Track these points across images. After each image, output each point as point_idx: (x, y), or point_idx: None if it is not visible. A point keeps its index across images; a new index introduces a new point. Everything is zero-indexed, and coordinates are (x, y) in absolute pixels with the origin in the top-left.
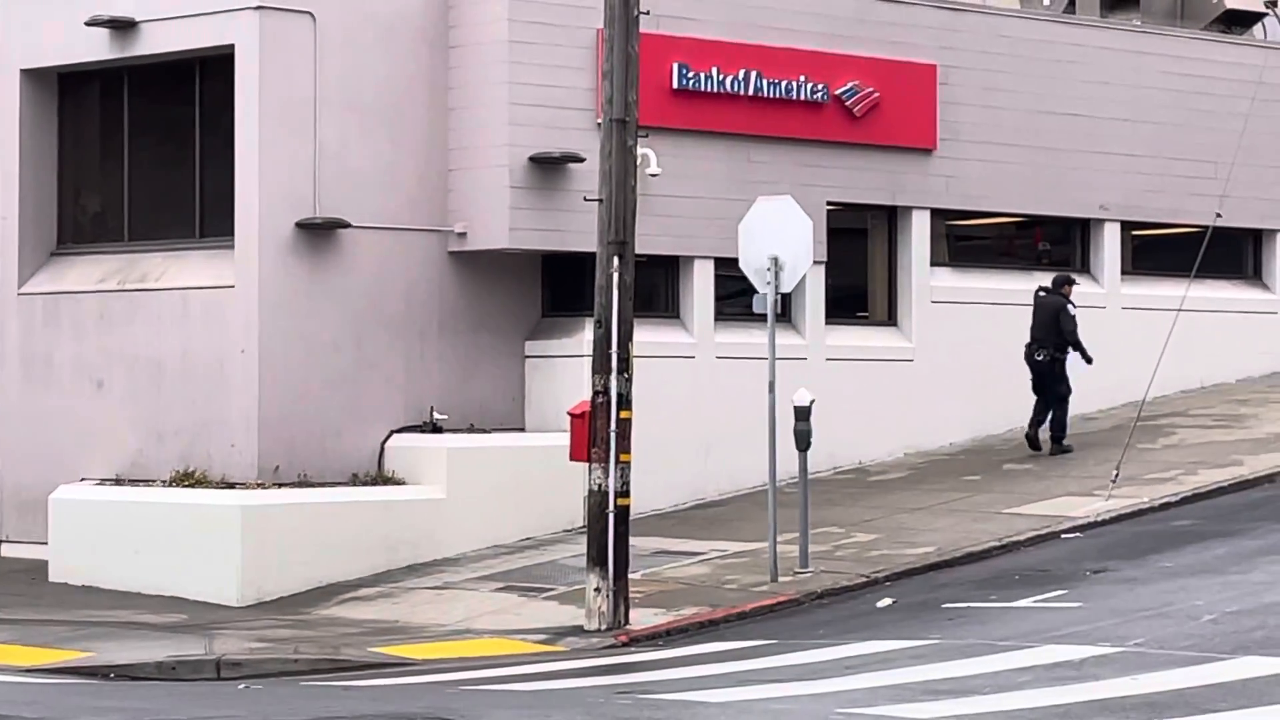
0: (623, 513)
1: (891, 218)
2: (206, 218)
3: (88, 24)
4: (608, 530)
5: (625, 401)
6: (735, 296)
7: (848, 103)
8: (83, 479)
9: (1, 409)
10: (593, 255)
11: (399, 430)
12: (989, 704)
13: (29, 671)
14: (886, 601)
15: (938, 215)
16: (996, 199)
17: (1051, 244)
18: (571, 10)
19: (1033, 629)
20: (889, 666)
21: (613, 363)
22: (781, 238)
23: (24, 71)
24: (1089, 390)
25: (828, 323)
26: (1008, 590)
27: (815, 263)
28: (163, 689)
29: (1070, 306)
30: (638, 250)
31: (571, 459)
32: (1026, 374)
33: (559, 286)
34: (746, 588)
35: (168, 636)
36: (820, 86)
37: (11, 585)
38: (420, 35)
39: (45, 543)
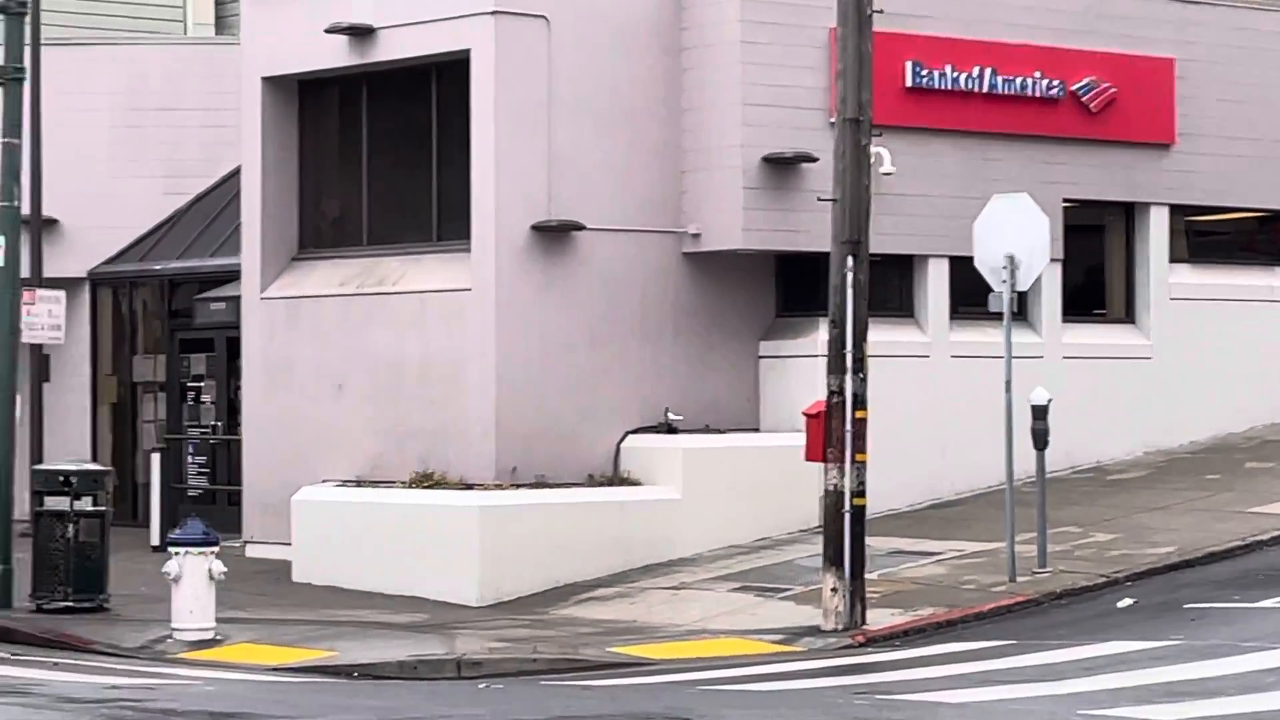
0: (858, 513)
1: (1129, 214)
2: (443, 221)
3: (327, 31)
4: (844, 530)
5: (860, 401)
6: (970, 295)
7: (1084, 98)
8: (324, 481)
9: (245, 412)
10: (826, 255)
11: (634, 431)
12: (1235, 705)
13: (274, 670)
14: (1127, 602)
15: (1176, 211)
16: (1237, 194)
17: None
18: (804, 10)
19: (1277, 629)
20: (1130, 668)
21: (848, 362)
22: (1017, 236)
23: (265, 79)
24: None
25: (1064, 321)
26: (1251, 590)
27: (1051, 260)
28: (405, 688)
29: None
30: (872, 249)
31: (807, 459)
32: (1270, 371)
33: (793, 286)
34: (984, 588)
35: (409, 636)
36: (1056, 83)
37: (256, 585)
38: (653, 37)
39: (288, 543)
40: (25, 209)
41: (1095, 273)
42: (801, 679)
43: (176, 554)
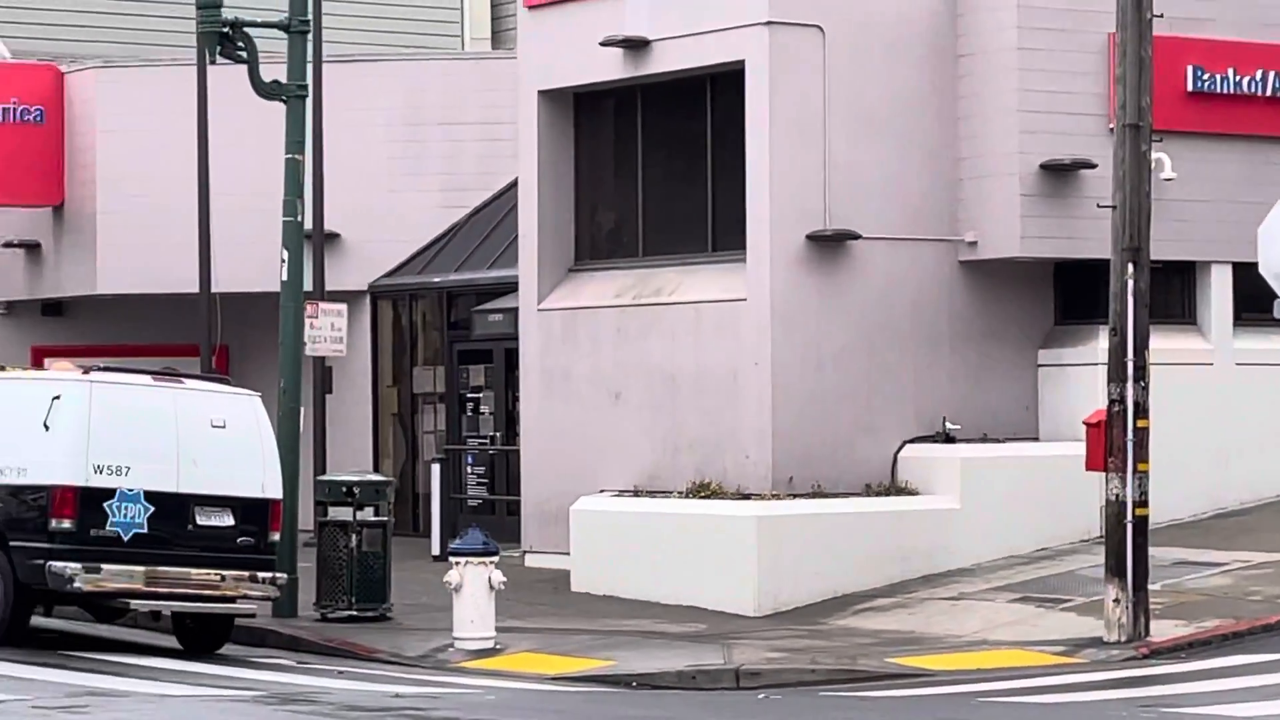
0: (1141, 523)
1: None
2: (718, 232)
3: (602, 44)
4: (1126, 540)
5: (1142, 410)
6: (1254, 301)
7: None
8: (601, 490)
9: (522, 423)
10: (1105, 262)
11: (911, 441)
12: None
13: (554, 679)
14: None
15: None
16: None
17: None
18: (1081, 15)
19: None
20: None
21: (1128, 371)
22: None
23: (541, 93)
24: None
25: None
26: None
27: None
28: (683, 698)
29: None
30: (1152, 256)
31: (1087, 468)
32: None
33: (1071, 294)
34: (1271, 599)
35: (686, 645)
36: None
37: (535, 595)
38: (927, 45)
39: (566, 553)
40: (308, 224)
41: None
42: (1084, 691)
43: (457, 564)
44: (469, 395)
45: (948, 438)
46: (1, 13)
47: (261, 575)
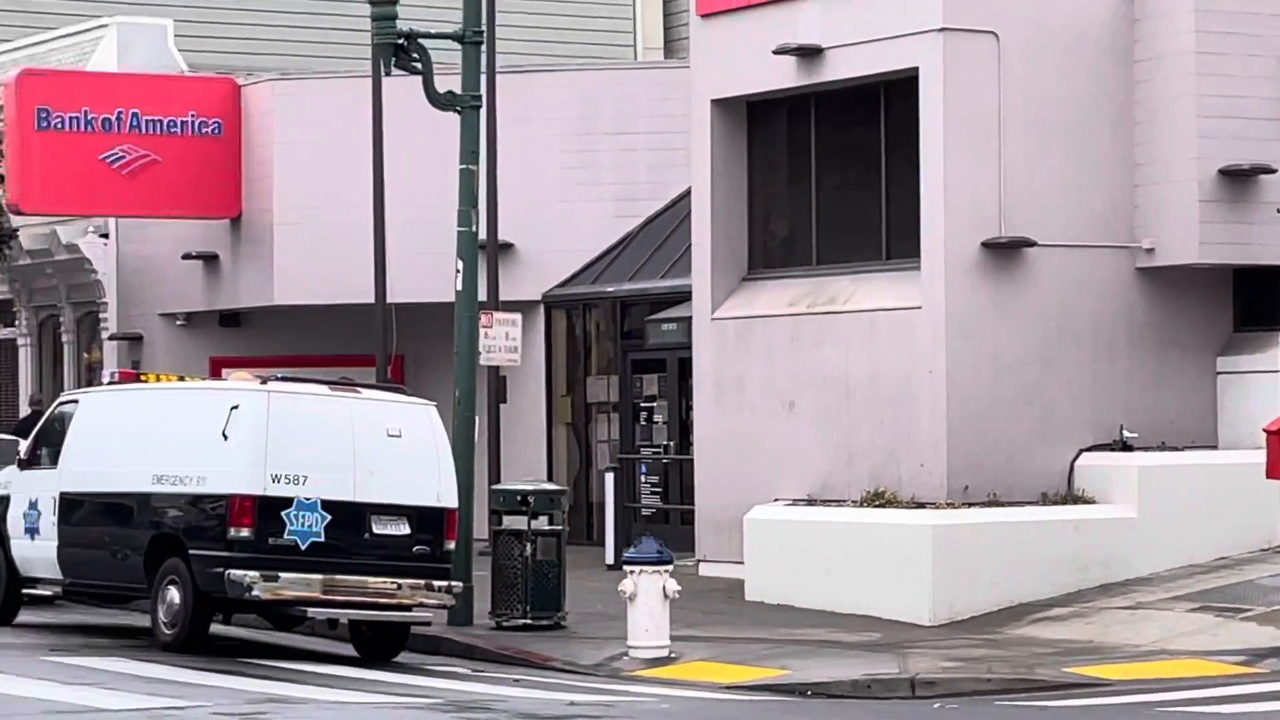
0: None
1: None
2: (892, 240)
3: (775, 53)
4: None
5: None
6: None
7: None
8: (775, 499)
9: (696, 432)
10: None
11: (1088, 449)
12: None
13: (728, 688)
14: None
15: None
16: None
17: None
18: (1259, 19)
19: None
20: None
21: None
22: None
23: (714, 102)
24: None
25: None
26: None
27: None
28: (859, 707)
29: None
30: None
31: (1268, 476)
32: None
33: (1249, 300)
34: None
35: (861, 655)
36: None
37: (709, 604)
38: (1102, 50)
39: (740, 562)
40: (482, 234)
41: None
42: (1265, 701)
43: (631, 572)
44: (643, 404)
45: (1125, 446)
46: (180, 27)
47: (437, 584)
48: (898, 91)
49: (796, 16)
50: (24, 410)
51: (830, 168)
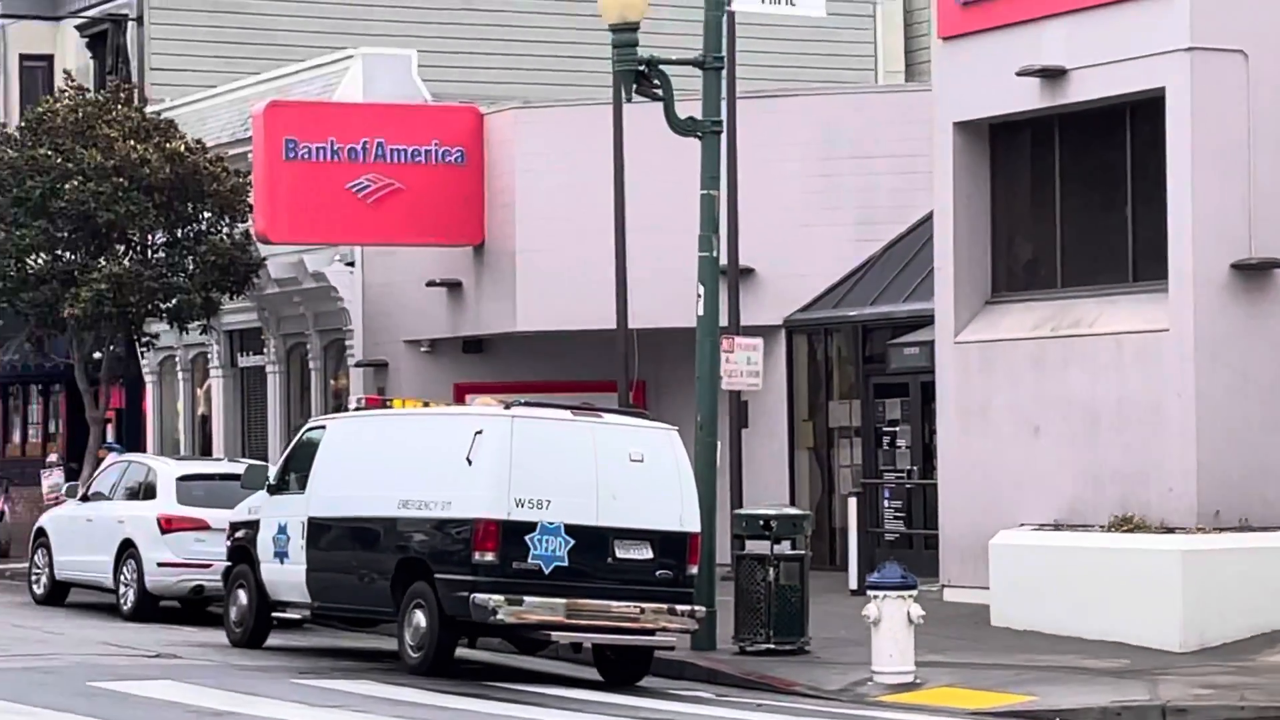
0: None
1: None
2: (1139, 261)
3: (1018, 74)
4: None
5: None
6: None
7: None
8: (1021, 524)
9: (940, 456)
10: None
11: None
12: None
13: (973, 714)
14: None
15: None
16: None
17: None
18: None
19: None
20: None
21: None
22: None
23: (957, 124)
24: None
25: None
26: None
27: None
28: None
29: None
30: None
31: None
32: None
33: None
34: None
35: (1110, 681)
36: None
37: (954, 629)
38: None
39: (985, 587)
40: (723, 259)
41: None
42: None
43: (875, 597)
44: (885, 429)
45: None
46: (423, 57)
47: (680, 608)
48: (1144, 112)
49: (1040, 38)
50: (274, 436)
51: (1074, 189)
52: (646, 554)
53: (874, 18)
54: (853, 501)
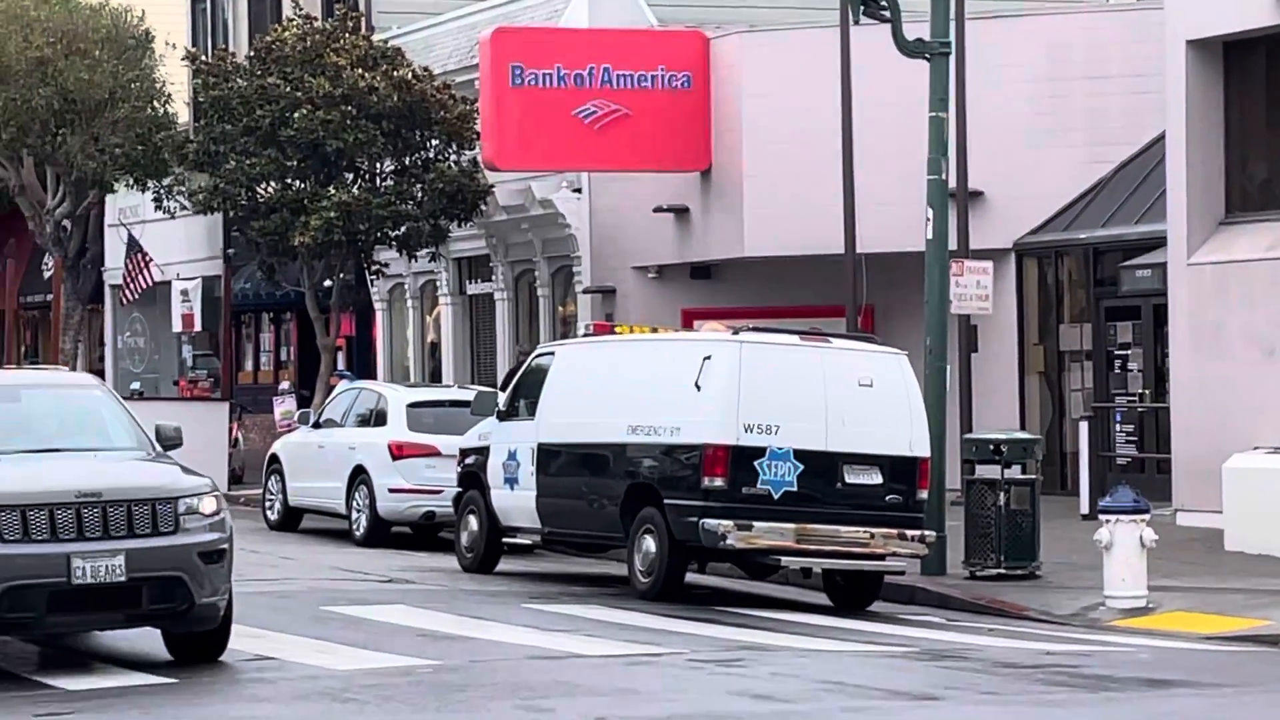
0: None
1: None
2: None
3: None
4: None
5: None
6: None
7: None
8: (1255, 448)
9: (1172, 379)
10: None
11: None
12: None
13: (1207, 639)
14: None
15: None
16: None
17: None
18: None
19: None
20: None
21: None
22: None
23: (1190, 43)
24: None
25: None
26: None
27: None
28: None
29: None
30: None
31: None
32: None
33: None
34: None
35: None
36: None
37: (1186, 553)
38: None
39: (1219, 511)
40: (951, 182)
41: None
42: None
43: (1107, 522)
44: (1116, 352)
45: None
46: None
47: (909, 533)
48: None
49: None
50: (503, 362)
51: None
52: (876, 479)
53: None
54: (1084, 426)
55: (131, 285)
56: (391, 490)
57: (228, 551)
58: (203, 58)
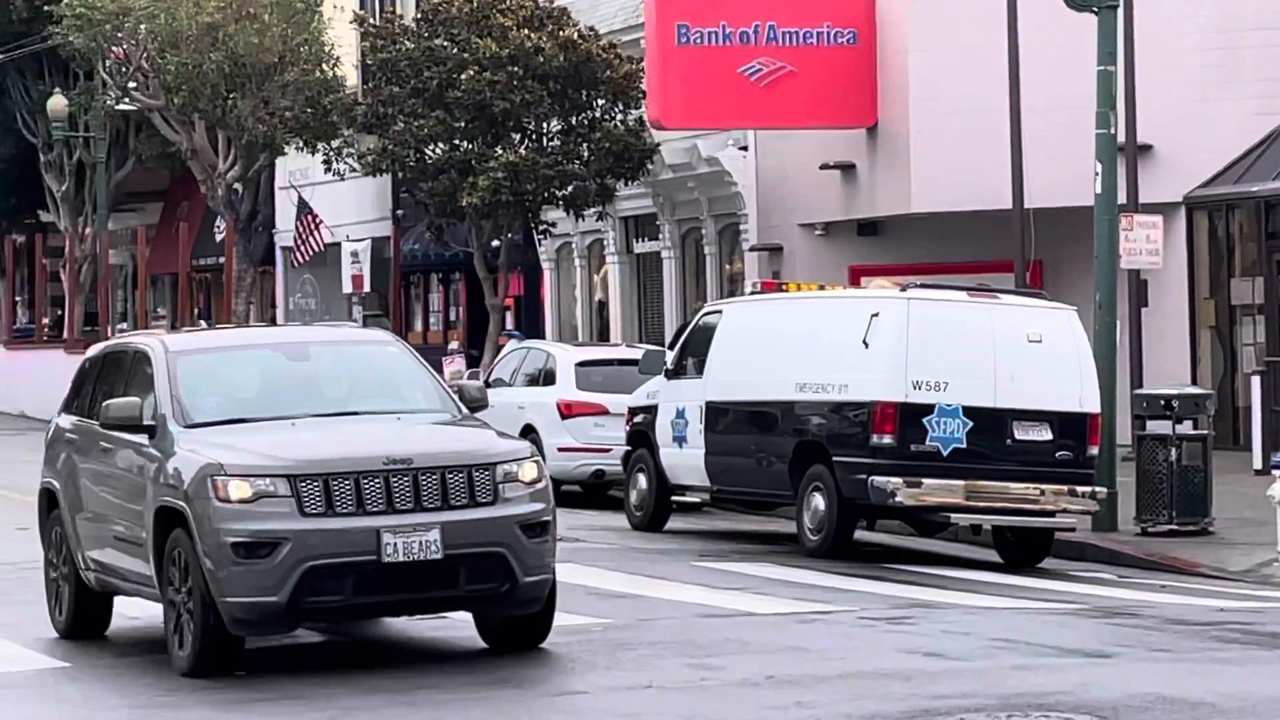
0: None
1: None
2: None
3: None
4: None
5: None
6: None
7: None
8: None
9: None
10: None
11: None
12: None
13: None
14: None
15: None
16: None
17: None
18: None
19: None
20: None
21: None
22: None
23: None
24: None
25: None
26: None
27: None
28: None
29: None
30: None
31: None
32: None
33: None
34: None
35: None
36: None
37: None
38: None
39: None
40: (1120, 136)
41: None
42: None
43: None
44: None
45: None
46: None
47: (1080, 489)
48: None
49: None
50: (670, 321)
51: None
52: (1046, 435)
53: None
54: (1256, 380)
55: (302, 247)
56: (561, 449)
57: (551, 524)
58: (371, 20)
